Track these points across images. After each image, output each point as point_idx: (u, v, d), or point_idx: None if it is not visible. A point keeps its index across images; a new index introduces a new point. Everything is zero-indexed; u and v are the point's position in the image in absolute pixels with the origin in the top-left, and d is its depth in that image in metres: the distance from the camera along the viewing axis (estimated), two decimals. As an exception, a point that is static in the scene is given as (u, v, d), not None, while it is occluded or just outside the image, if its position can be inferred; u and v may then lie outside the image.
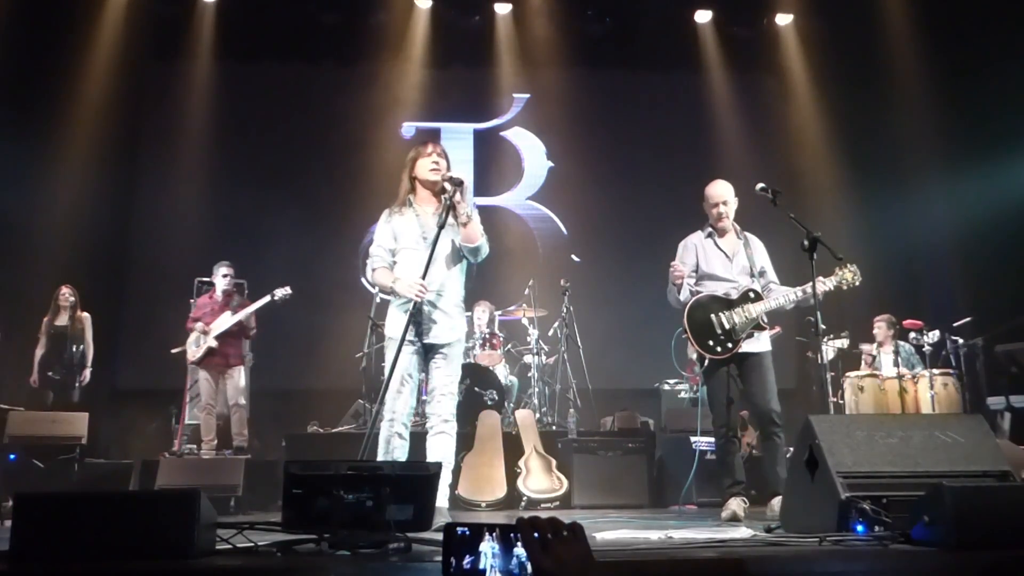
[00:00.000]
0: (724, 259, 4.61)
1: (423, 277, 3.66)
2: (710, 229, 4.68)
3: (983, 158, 7.54)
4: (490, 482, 5.88)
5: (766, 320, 4.50)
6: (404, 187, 3.96)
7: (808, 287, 4.26)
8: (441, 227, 3.72)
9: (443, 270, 3.83)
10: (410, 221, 3.88)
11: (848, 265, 4.39)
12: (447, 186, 3.78)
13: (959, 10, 7.87)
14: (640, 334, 7.96)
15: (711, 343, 4.41)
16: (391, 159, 8.22)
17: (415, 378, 3.84)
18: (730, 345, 4.39)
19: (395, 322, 3.84)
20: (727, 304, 4.47)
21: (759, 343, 4.46)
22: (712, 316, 4.44)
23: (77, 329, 7.11)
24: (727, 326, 4.41)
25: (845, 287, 4.39)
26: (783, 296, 4.45)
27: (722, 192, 4.64)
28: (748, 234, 4.72)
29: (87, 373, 7.12)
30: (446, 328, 3.83)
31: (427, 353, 3.86)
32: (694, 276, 4.61)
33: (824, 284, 4.33)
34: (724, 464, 4.48)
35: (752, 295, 4.46)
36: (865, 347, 7.45)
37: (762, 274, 4.61)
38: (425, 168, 3.88)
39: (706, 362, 4.46)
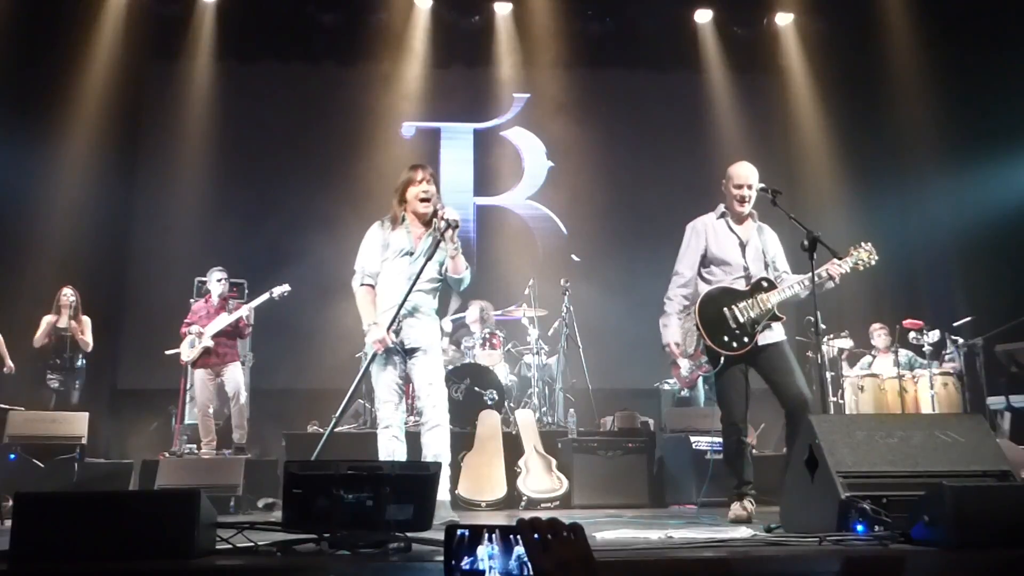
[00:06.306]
0: (736, 243, 4.32)
1: (399, 308, 3.81)
2: (723, 210, 4.39)
3: (983, 158, 7.54)
4: (490, 482, 5.88)
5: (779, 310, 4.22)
6: (396, 210, 4.08)
7: (822, 271, 4.08)
8: (428, 259, 3.89)
9: (421, 293, 3.98)
10: (401, 236, 4.03)
11: (864, 244, 4.20)
12: (441, 224, 3.88)
13: (959, 10, 7.87)
14: (640, 334, 7.94)
15: (726, 339, 4.12)
16: (391, 159, 8.25)
17: (402, 385, 4.04)
18: (746, 340, 4.11)
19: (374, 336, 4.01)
20: (740, 295, 4.18)
21: (775, 333, 4.20)
22: (725, 310, 4.16)
23: (76, 331, 7.07)
24: (742, 319, 4.13)
25: (862, 267, 4.18)
26: (797, 284, 4.17)
27: (749, 174, 4.34)
28: (763, 224, 4.45)
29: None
30: (421, 331, 3.99)
31: (407, 357, 4.00)
32: (702, 261, 4.33)
33: (841, 267, 4.13)
34: (733, 464, 4.22)
35: (765, 284, 4.20)
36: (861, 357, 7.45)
37: (774, 264, 4.35)
38: (414, 196, 4.01)
39: (721, 360, 4.18)
